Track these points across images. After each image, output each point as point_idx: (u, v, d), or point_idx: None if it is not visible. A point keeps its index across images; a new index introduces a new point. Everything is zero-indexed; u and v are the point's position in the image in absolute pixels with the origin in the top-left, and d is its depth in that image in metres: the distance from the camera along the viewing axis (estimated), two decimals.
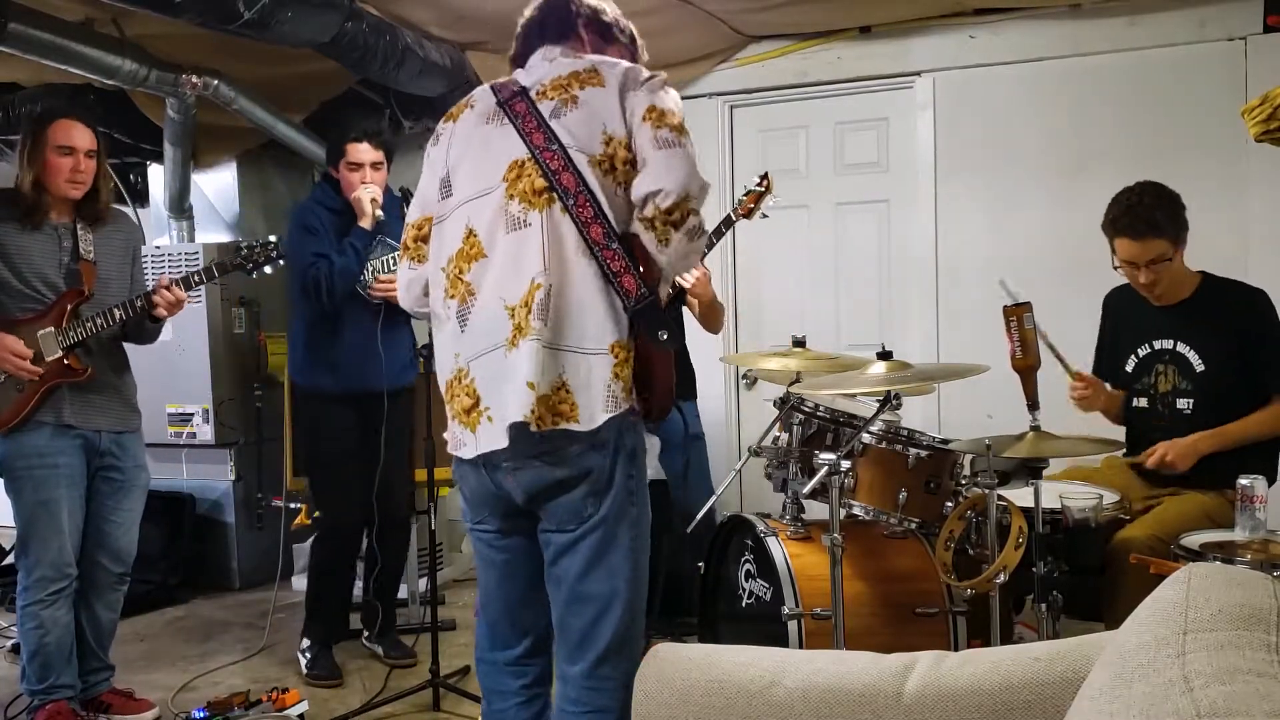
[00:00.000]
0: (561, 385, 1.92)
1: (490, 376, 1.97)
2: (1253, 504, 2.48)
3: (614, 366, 1.93)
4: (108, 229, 3.32)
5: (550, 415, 1.91)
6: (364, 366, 3.61)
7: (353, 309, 3.63)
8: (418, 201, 2.18)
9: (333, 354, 3.65)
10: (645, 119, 1.96)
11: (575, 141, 1.96)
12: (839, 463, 2.69)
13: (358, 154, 3.63)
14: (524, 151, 1.98)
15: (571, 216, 1.93)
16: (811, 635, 2.80)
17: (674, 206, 1.91)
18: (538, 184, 1.96)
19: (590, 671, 2.00)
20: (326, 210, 3.69)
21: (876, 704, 1.48)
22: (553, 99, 2.00)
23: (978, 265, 4.52)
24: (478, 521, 2.13)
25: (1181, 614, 1.15)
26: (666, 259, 1.97)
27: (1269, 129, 2.66)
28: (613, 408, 1.92)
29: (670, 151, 1.94)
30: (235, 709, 3.22)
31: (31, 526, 3.14)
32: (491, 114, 2.07)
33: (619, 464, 1.96)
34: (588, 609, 1.99)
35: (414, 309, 2.23)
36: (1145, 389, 3.13)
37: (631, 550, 2.00)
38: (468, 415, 2.00)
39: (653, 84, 2.00)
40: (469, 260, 2.01)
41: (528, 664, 2.16)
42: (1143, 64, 4.26)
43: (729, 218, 3.69)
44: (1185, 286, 3.07)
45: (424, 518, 4.17)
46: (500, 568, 2.12)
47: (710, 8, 4.34)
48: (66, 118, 3.20)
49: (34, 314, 3.15)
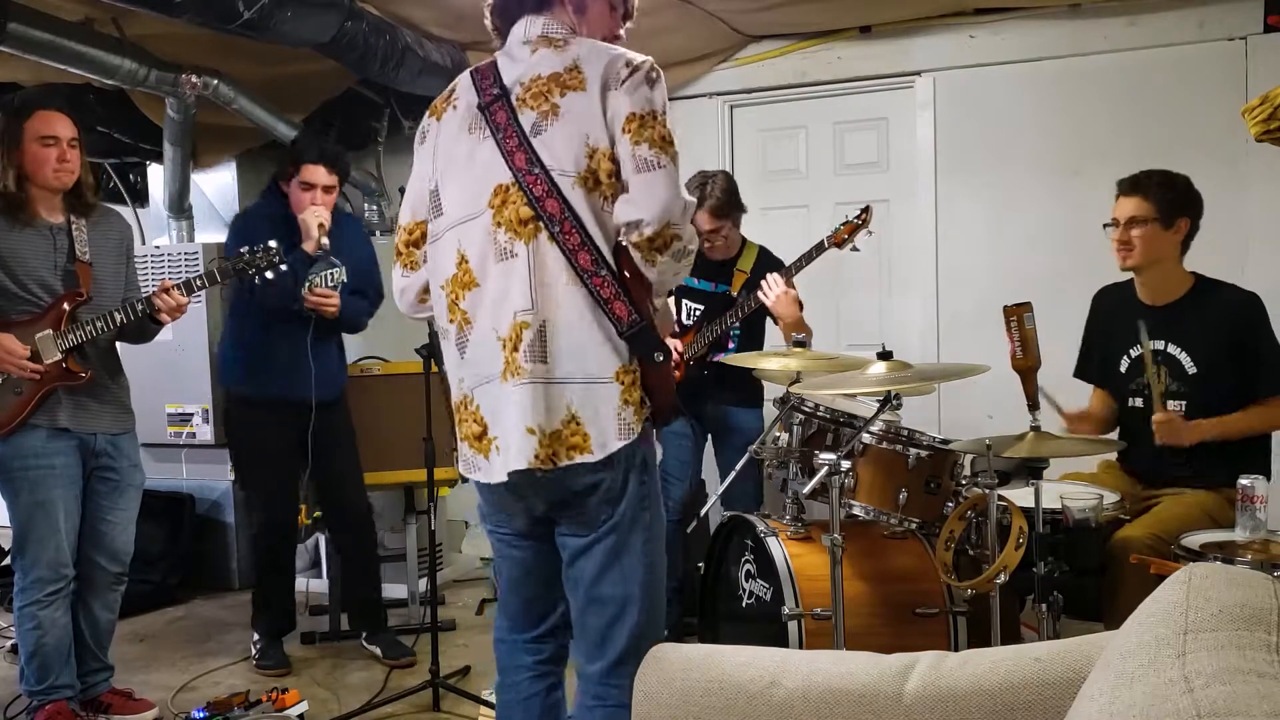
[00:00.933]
0: (572, 418, 1.92)
1: (492, 407, 1.99)
2: (1253, 504, 2.49)
3: (621, 393, 1.93)
4: (101, 228, 3.30)
5: (564, 450, 1.92)
6: (293, 376, 3.68)
7: (284, 320, 3.67)
8: (408, 204, 2.16)
9: (264, 362, 3.72)
10: (625, 130, 1.91)
11: (558, 163, 1.92)
12: (839, 463, 2.69)
13: (313, 175, 3.66)
14: (508, 175, 1.95)
15: (559, 244, 1.91)
16: (811, 635, 2.80)
17: (655, 235, 1.90)
18: (523, 213, 1.93)
19: (609, 671, 2.03)
20: (268, 222, 3.69)
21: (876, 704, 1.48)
22: (533, 109, 1.95)
23: (978, 265, 4.53)
24: (497, 525, 2.15)
25: (1182, 614, 1.15)
26: (655, 276, 1.97)
27: (1269, 129, 2.66)
28: (627, 435, 1.93)
29: (649, 176, 1.89)
30: (235, 709, 3.22)
31: (28, 528, 3.14)
32: (474, 122, 2.02)
33: (631, 473, 1.98)
34: (605, 611, 2.02)
35: (412, 314, 2.23)
36: (1139, 390, 3.13)
37: (645, 554, 2.02)
38: (479, 441, 2.03)
39: (633, 81, 1.92)
40: (463, 288, 2.01)
41: (544, 643, 2.20)
42: (1142, 64, 4.26)
43: (821, 244, 3.65)
44: (1177, 288, 3.07)
45: (424, 518, 4.19)
46: (520, 564, 2.15)
47: (710, 8, 4.35)
48: (44, 108, 3.16)
49: (31, 316, 3.13)
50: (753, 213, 4.89)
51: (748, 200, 3.93)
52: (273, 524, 3.89)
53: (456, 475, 3.77)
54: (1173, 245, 3.03)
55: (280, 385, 3.70)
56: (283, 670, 3.82)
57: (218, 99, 4.35)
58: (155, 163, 5.07)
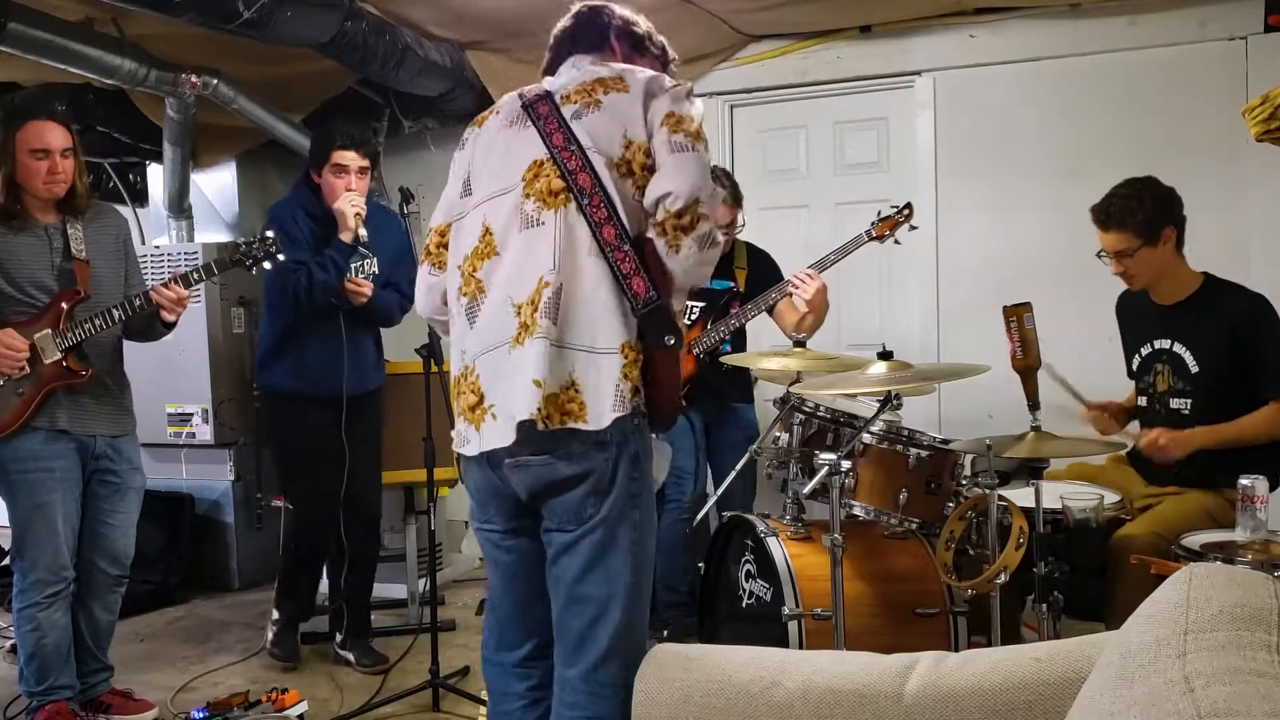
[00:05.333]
0: (571, 384, 1.93)
1: (494, 373, 1.99)
2: (1253, 504, 2.49)
3: (623, 367, 1.93)
4: (97, 225, 3.28)
5: (559, 414, 1.91)
6: (331, 370, 3.66)
7: (321, 314, 3.65)
8: (442, 207, 2.20)
9: (301, 357, 3.70)
10: (664, 123, 1.98)
11: (594, 143, 1.99)
12: (839, 463, 2.69)
13: (344, 159, 3.63)
14: (543, 152, 2.01)
15: (585, 216, 1.95)
16: (811, 635, 2.80)
17: (684, 209, 1.93)
18: (554, 184, 1.98)
19: (588, 675, 1.98)
20: (306, 216, 3.69)
21: (876, 704, 1.48)
22: (576, 102, 2.04)
23: (978, 265, 4.53)
24: (484, 521, 2.13)
25: (1182, 614, 1.15)
26: (678, 266, 1.97)
27: (1269, 129, 2.66)
28: (621, 408, 1.92)
29: (683, 156, 1.96)
30: (235, 709, 3.22)
31: (27, 530, 3.13)
32: (515, 118, 2.10)
33: (621, 465, 1.95)
34: (586, 610, 1.98)
35: (431, 316, 2.24)
36: (1146, 388, 3.14)
37: (632, 554, 1.98)
38: (472, 412, 2.02)
39: (677, 91, 2.03)
40: (482, 258, 2.04)
41: (532, 667, 2.15)
42: (1143, 64, 4.26)
43: (860, 237, 3.68)
44: (1186, 287, 3.07)
45: (424, 518, 4.18)
46: (507, 568, 2.13)
47: (710, 7, 4.34)
48: (36, 118, 3.15)
49: (29, 316, 3.12)
50: (753, 213, 4.90)
51: (748, 200, 3.94)
52: (317, 520, 3.80)
53: (456, 475, 3.80)
54: (1168, 254, 3.04)
55: (321, 380, 3.66)
56: (289, 665, 3.83)
57: (218, 99, 4.35)
58: (155, 163, 5.07)
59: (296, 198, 3.80)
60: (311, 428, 3.72)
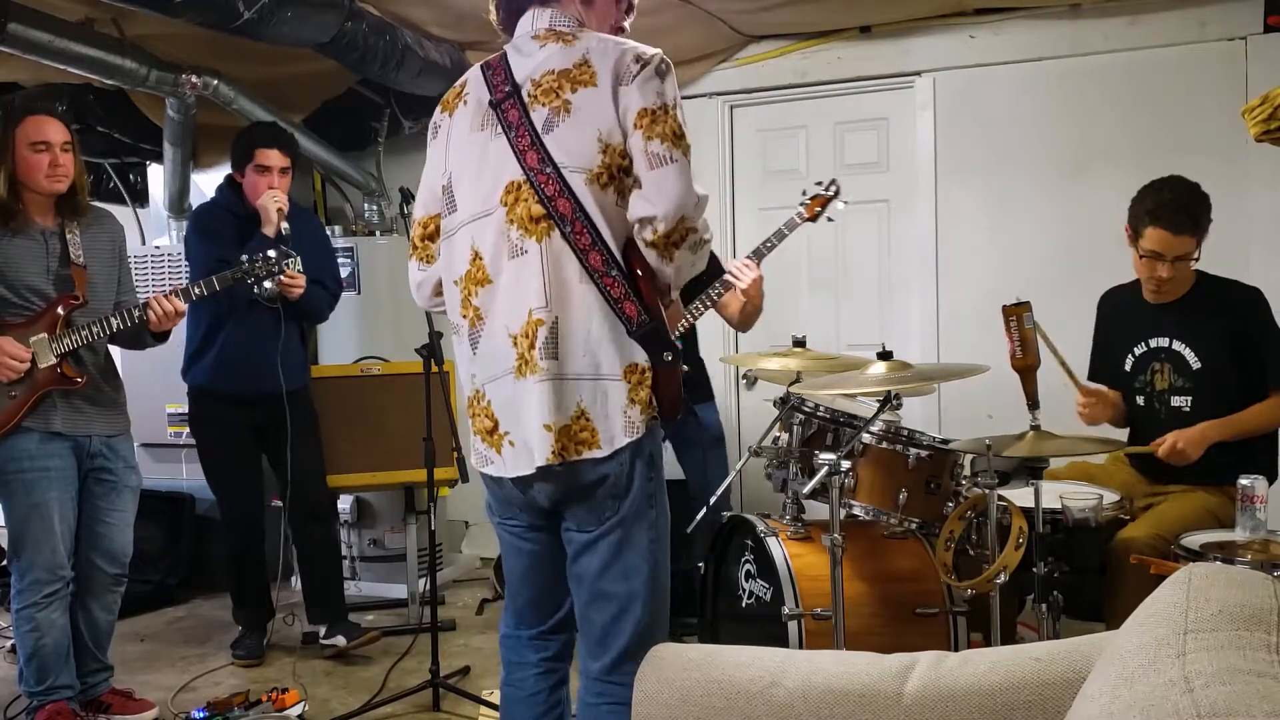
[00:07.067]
0: (581, 414, 1.94)
1: (504, 402, 2.00)
2: (1253, 504, 2.49)
3: (629, 391, 1.94)
4: (94, 231, 3.29)
5: (574, 445, 1.94)
6: (257, 369, 3.70)
7: (245, 312, 3.68)
8: (421, 198, 2.18)
9: (226, 356, 3.74)
10: (637, 125, 1.91)
11: (569, 159, 1.93)
12: (839, 463, 2.69)
13: (267, 158, 3.70)
14: (519, 173, 1.96)
15: (570, 244, 1.93)
16: (811, 635, 2.79)
17: (670, 231, 1.91)
18: (534, 210, 1.94)
19: (612, 668, 2.03)
20: (228, 213, 3.75)
21: (876, 704, 1.48)
22: (545, 105, 1.96)
23: (978, 265, 4.53)
24: (507, 518, 2.15)
25: (1182, 614, 1.15)
26: (672, 271, 1.97)
27: (1269, 129, 2.66)
28: (632, 433, 1.94)
29: (662, 171, 1.90)
30: (235, 709, 3.22)
31: (24, 530, 3.13)
32: (485, 119, 2.04)
33: (637, 468, 1.98)
34: (608, 607, 2.02)
35: (427, 308, 2.26)
36: (1143, 387, 3.13)
37: (650, 551, 2.02)
38: (490, 436, 2.04)
39: (644, 75, 1.92)
40: (477, 284, 2.02)
41: (550, 639, 2.20)
42: (1143, 64, 4.26)
43: (792, 220, 3.61)
44: (1181, 285, 3.07)
45: (424, 518, 4.18)
46: (528, 557, 2.16)
47: (710, 8, 4.34)
48: (35, 114, 3.16)
49: (25, 320, 3.11)
50: (752, 213, 4.92)
51: (748, 200, 3.93)
52: (240, 517, 3.91)
53: (456, 475, 3.81)
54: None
55: (244, 377, 3.73)
56: (254, 661, 3.87)
57: (218, 99, 4.35)
58: (155, 163, 5.07)
59: (218, 198, 3.91)
60: (230, 426, 3.79)
